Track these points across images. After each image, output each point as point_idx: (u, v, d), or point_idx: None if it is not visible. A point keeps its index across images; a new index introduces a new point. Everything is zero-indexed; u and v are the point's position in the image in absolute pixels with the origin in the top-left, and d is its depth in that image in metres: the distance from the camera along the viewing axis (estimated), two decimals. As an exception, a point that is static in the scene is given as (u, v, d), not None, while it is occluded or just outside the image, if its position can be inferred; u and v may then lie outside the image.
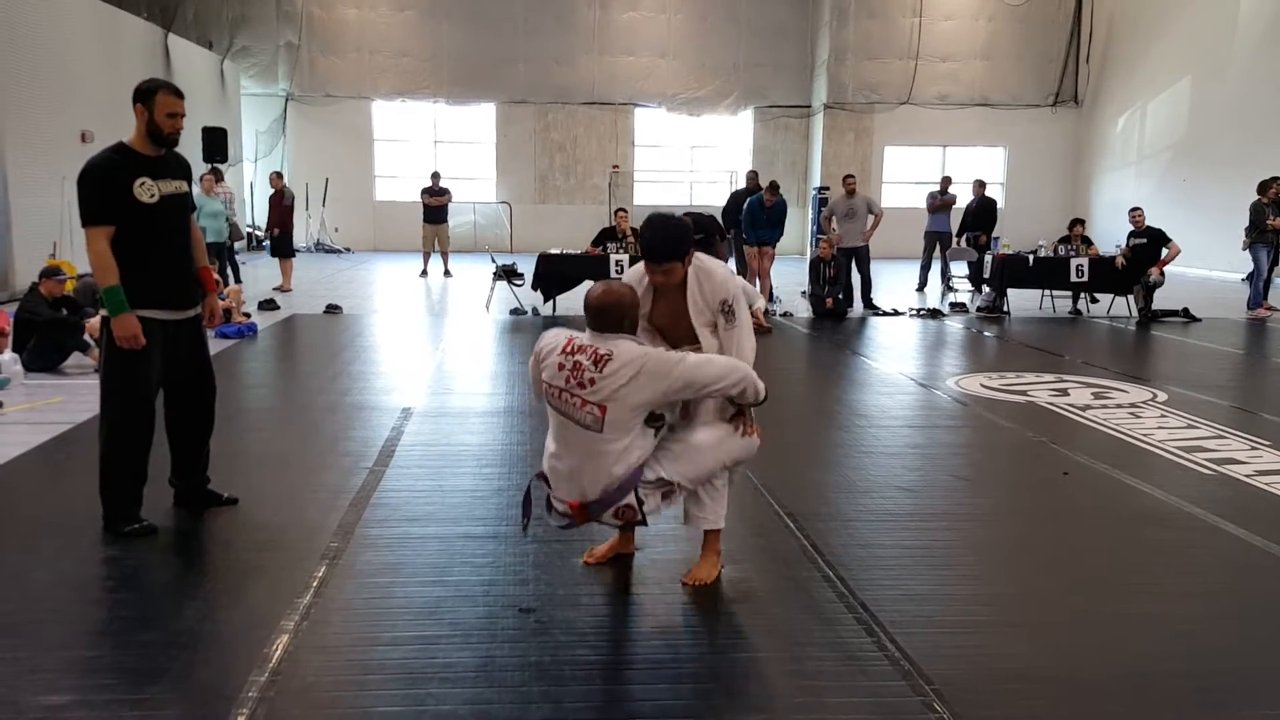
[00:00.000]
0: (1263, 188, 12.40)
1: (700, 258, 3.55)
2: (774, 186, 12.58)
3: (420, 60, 22.08)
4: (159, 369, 3.92)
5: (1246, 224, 12.43)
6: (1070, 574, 3.75)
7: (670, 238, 3.48)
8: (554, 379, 3.29)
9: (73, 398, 6.55)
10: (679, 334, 3.62)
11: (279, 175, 15.13)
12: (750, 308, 9.11)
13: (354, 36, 21.93)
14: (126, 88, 4.06)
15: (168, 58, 16.95)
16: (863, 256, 12.23)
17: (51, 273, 7.65)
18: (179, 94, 3.88)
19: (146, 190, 3.78)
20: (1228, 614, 3.40)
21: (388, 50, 22.02)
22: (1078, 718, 2.67)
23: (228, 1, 20.63)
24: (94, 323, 7.55)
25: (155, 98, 3.80)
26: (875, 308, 11.99)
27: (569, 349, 3.31)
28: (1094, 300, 12.55)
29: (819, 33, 22.47)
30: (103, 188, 3.75)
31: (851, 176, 12.83)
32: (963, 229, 14.44)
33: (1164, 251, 11.72)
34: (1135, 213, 11.88)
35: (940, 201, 14.70)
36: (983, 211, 14.29)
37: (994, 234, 14.19)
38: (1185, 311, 11.67)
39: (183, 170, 4.01)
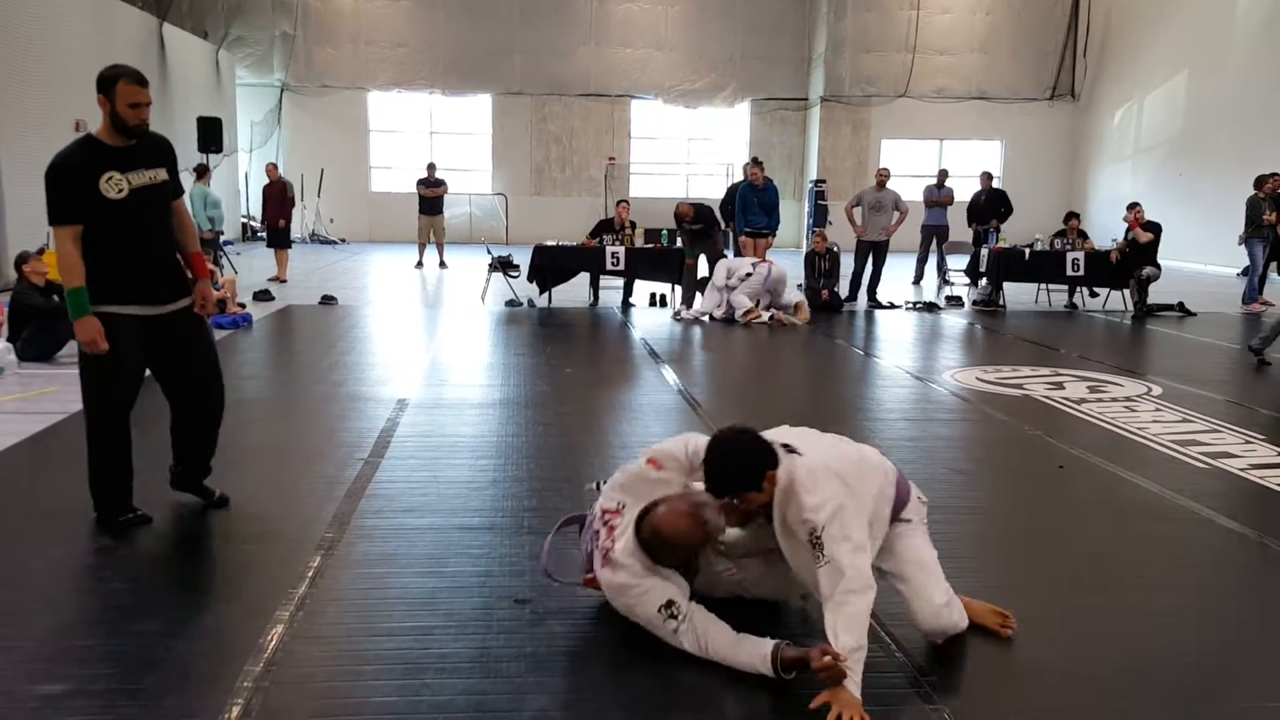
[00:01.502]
0: (1259, 183, 12.41)
1: (784, 472, 2.84)
2: (757, 162, 12.51)
3: (416, 51, 22.02)
4: (139, 367, 3.78)
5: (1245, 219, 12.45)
6: (1065, 567, 3.76)
7: (745, 461, 2.85)
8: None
9: (66, 387, 6.51)
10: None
11: (274, 166, 15.09)
12: (781, 306, 8.60)
13: (350, 27, 21.87)
14: None
15: (162, 47, 16.88)
16: (881, 251, 12.15)
17: (27, 257, 7.60)
18: (142, 81, 3.66)
19: (114, 185, 3.58)
20: (1222, 607, 3.41)
21: (384, 41, 21.95)
22: (1073, 710, 2.67)
23: (223, -9, 20.58)
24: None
25: (116, 87, 3.59)
26: (877, 302, 11.98)
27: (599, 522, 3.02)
28: (1094, 294, 12.54)
29: (816, 25, 22.44)
30: (67, 185, 3.56)
31: (884, 170, 12.72)
32: (971, 219, 14.37)
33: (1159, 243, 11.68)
34: (1135, 210, 11.82)
35: (937, 198, 14.67)
36: (992, 202, 14.22)
37: (990, 227, 14.15)
38: (1180, 306, 11.68)
39: (162, 157, 3.78)
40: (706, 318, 10.54)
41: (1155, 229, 11.68)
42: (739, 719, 2.63)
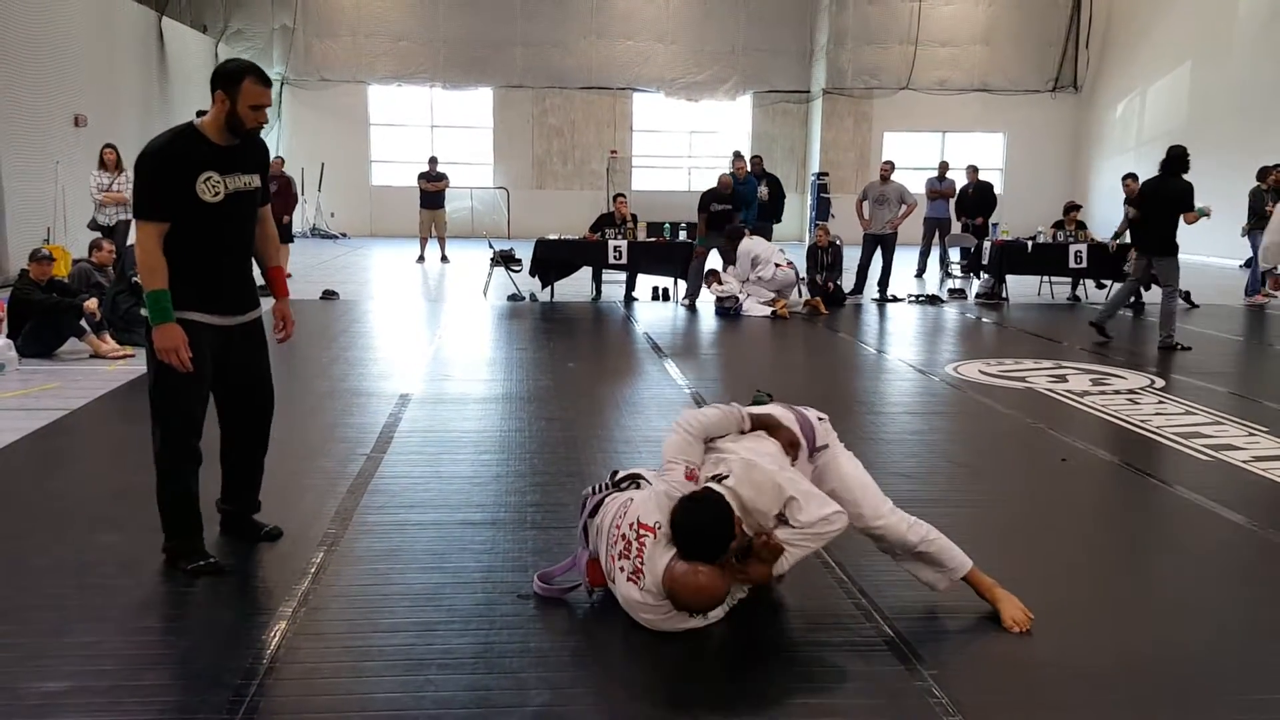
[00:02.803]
0: (1262, 174, 12.38)
1: (732, 485, 2.97)
2: (739, 156, 12.54)
3: (417, 44, 21.98)
4: (209, 380, 3.47)
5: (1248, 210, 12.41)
6: (1067, 560, 3.75)
7: (716, 536, 2.85)
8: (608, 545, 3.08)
9: (68, 383, 6.53)
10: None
11: (281, 160, 14.98)
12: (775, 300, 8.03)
13: (350, 20, 21.82)
14: (120, 71, 3.88)
15: (161, 41, 16.85)
16: (889, 244, 12.09)
17: (37, 256, 7.63)
18: (267, 82, 3.34)
19: (211, 187, 3.27)
20: (1224, 599, 3.40)
21: (384, 34, 21.91)
22: (1075, 702, 2.67)
23: (222, -16, 20.57)
24: (92, 304, 7.52)
25: (240, 86, 3.24)
26: (886, 297, 11.92)
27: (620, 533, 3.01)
28: (1100, 286, 12.49)
29: (818, 17, 22.38)
30: (162, 180, 3.24)
31: (888, 163, 12.63)
32: (960, 213, 14.36)
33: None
34: (1128, 180, 11.76)
35: (939, 190, 14.64)
36: (979, 196, 14.21)
37: (992, 219, 14.12)
38: (1185, 296, 11.64)
39: (259, 161, 3.50)
40: (730, 301, 10.58)
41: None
42: (742, 711, 2.63)
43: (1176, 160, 8.50)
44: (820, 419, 3.36)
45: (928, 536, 3.13)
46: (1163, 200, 8.49)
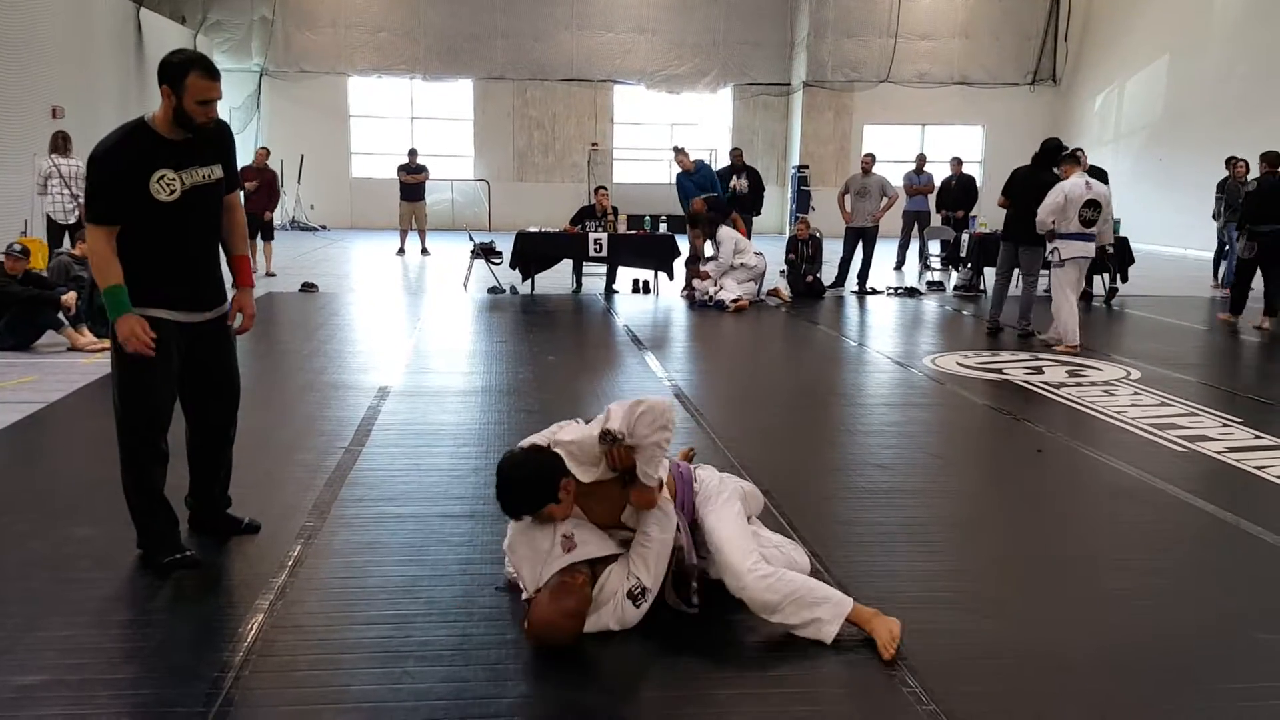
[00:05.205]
0: (1229, 164, 12.50)
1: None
2: (679, 151, 12.72)
3: (396, 35, 21.87)
4: (176, 376, 3.39)
5: (1225, 203, 12.54)
6: (1043, 550, 3.79)
7: (528, 494, 2.99)
8: None
9: (45, 376, 6.48)
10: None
11: (266, 151, 14.76)
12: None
13: (329, 11, 21.68)
14: (98, 63, 3.80)
15: (139, 32, 16.69)
16: (870, 237, 12.13)
17: (10, 250, 7.54)
18: (214, 74, 3.20)
19: (165, 186, 3.17)
20: (1199, 588, 3.44)
21: (364, 25, 21.79)
22: (1050, 692, 2.70)
23: (200, -25, 20.40)
24: (69, 298, 7.46)
25: (185, 82, 3.12)
26: (865, 289, 11.95)
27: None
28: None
29: (798, 10, 22.41)
30: (113, 183, 3.15)
31: (870, 155, 12.61)
32: (941, 205, 14.44)
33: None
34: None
35: (918, 184, 14.70)
36: (961, 189, 14.29)
37: (972, 212, 14.20)
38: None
39: (219, 151, 3.36)
40: (707, 296, 10.61)
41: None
42: (719, 700, 2.65)
43: (1050, 152, 8.88)
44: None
45: (794, 593, 2.89)
46: (1032, 190, 8.69)
